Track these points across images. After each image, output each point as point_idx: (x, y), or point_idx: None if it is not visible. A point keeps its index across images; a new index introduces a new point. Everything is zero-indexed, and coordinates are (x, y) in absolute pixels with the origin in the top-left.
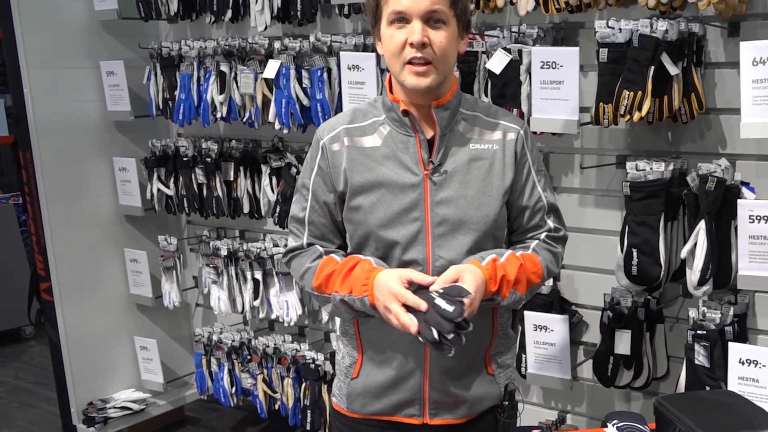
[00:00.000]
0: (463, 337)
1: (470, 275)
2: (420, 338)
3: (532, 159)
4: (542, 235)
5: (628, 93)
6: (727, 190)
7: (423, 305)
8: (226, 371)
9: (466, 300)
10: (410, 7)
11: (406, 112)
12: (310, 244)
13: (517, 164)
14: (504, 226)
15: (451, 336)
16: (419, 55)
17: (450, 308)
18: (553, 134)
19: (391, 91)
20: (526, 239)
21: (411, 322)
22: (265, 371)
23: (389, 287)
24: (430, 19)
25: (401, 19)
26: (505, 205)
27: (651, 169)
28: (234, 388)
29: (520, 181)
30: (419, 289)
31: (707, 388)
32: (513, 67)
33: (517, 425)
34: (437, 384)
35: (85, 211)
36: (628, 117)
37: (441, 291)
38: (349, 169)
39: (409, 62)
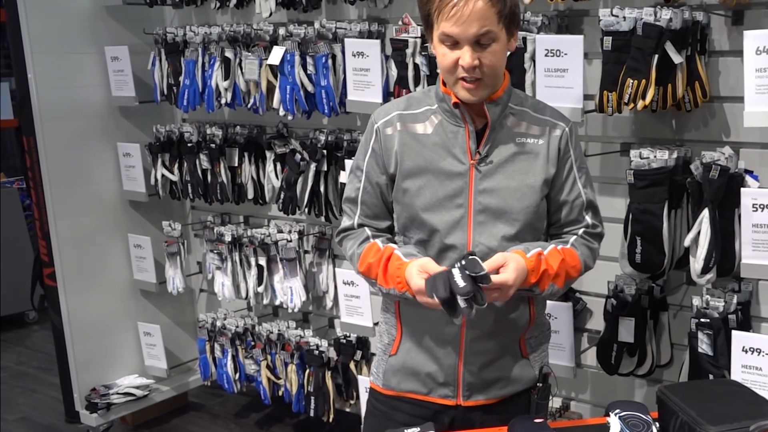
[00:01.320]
0: (473, 310)
1: (513, 263)
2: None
3: (575, 156)
4: (580, 231)
5: (632, 81)
6: (730, 179)
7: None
8: (229, 357)
9: (496, 280)
10: (459, 33)
11: (457, 104)
12: (360, 225)
13: (560, 160)
14: (544, 217)
15: (461, 304)
16: (470, 76)
17: (461, 284)
18: None
19: (444, 83)
20: (564, 233)
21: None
22: (269, 357)
23: (412, 282)
24: (480, 41)
25: (452, 40)
26: (544, 198)
27: (655, 157)
28: (237, 374)
29: (561, 176)
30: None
31: (711, 376)
32: (517, 54)
33: (549, 407)
34: (472, 367)
35: (88, 196)
36: (632, 105)
37: (462, 263)
38: (401, 152)
39: (461, 78)
